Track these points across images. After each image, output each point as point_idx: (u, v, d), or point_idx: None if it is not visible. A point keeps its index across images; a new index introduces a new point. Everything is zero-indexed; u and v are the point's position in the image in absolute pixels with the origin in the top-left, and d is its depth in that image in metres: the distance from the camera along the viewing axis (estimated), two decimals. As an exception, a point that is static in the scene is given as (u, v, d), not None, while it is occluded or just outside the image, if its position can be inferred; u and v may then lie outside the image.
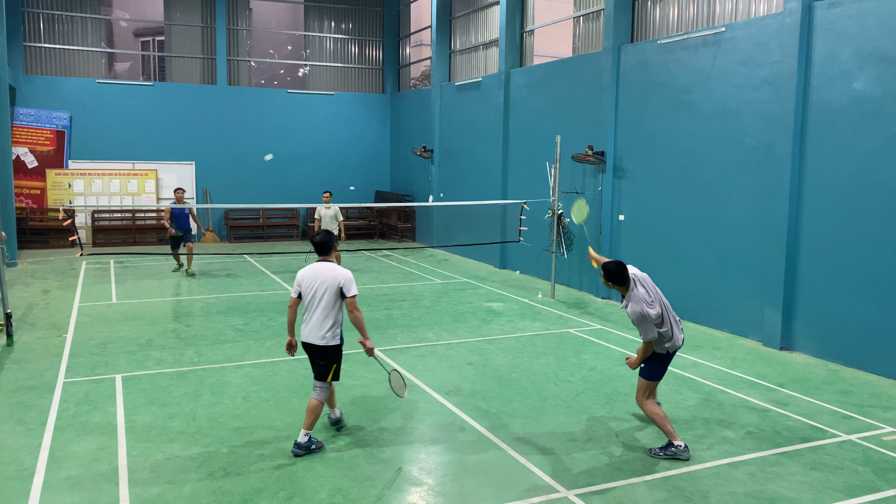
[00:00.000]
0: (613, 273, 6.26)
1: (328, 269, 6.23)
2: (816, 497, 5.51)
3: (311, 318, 6.21)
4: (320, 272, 6.22)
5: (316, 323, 6.18)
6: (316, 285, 6.17)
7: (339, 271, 6.23)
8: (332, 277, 6.17)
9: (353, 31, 23.58)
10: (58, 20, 20.09)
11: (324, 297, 6.15)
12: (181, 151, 21.05)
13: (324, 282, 6.16)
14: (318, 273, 6.22)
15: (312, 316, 6.19)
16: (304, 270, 6.34)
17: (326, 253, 6.41)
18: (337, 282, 6.15)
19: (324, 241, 6.41)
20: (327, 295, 6.15)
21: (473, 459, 6.11)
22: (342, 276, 6.18)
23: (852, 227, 9.01)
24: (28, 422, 6.78)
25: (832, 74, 9.22)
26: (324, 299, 6.15)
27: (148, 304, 12.30)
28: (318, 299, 6.16)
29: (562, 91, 14.61)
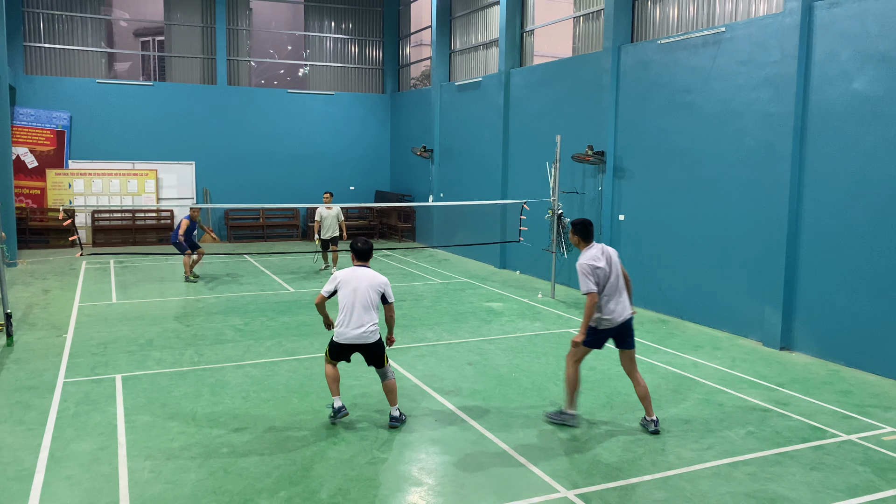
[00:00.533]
0: (579, 226, 6.87)
1: (370, 275, 6.75)
2: (816, 497, 5.51)
3: (349, 319, 6.64)
4: (363, 277, 6.72)
5: (356, 324, 6.63)
6: (358, 288, 6.65)
7: (380, 277, 6.78)
8: (376, 283, 6.72)
9: (353, 31, 23.59)
10: (58, 20, 20.09)
11: (365, 299, 6.63)
12: (181, 151, 21.05)
13: (369, 286, 6.67)
14: (361, 277, 6.72)
15: (352, 318, 6.63)
16: (345, 273, 6.77)
17: (367, 259, 6.91)
18: (380, 288, 6.73)
19: (367, 248, 6.93)
20: (370, 297, 6.65)
21: (473, 459, 6.11)
22: (384, 282, 6.77)
23: (852, 227, 9.01)
24: (28, 422, 6.78)
25: (832, 74, 9.22)
26: (365, 302, 6.63)
27: (148, 304, 12.31)
28: (359, 302, 6.63)
29: (562, 91, 14.61)
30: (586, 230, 6.86)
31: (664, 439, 6.56)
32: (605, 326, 6.70)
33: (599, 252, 6.76)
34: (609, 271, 6.69)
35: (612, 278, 6.69)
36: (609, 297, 6.66)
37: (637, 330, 10.77)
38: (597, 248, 6.82)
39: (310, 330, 10.58)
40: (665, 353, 9.55)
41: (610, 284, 6.67)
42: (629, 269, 12.79)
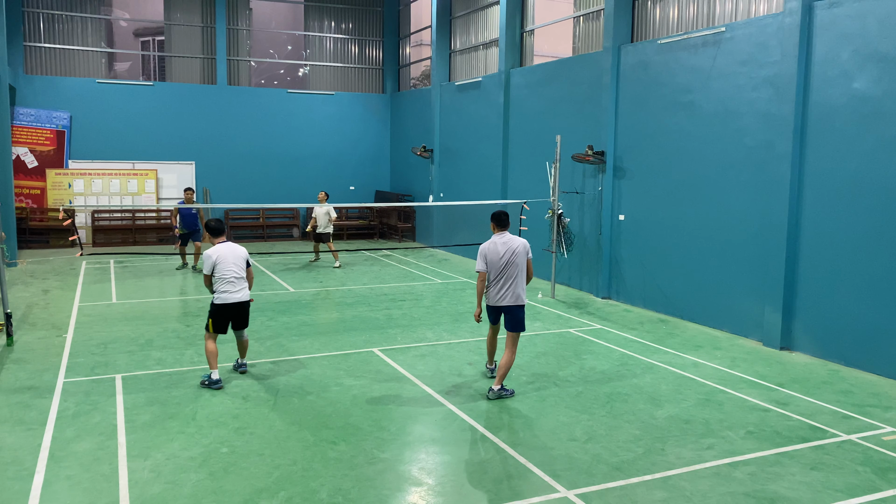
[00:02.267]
0: (496, 214, 7.79)
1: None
2: (816, 497, 5.51)
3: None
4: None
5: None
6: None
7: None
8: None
9: (353, 31, 23.59)
10: (58, 20, 20.09)
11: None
12: (181, 151, 21.05)
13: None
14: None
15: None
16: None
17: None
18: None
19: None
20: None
21: (473, 459, 6.11)
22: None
23: (852, 227, 9.01)
24: (28, 422, 6.78)
25: (832, 74, 9.22)
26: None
27: (148, 304, 12.31)
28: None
29: (562, 91, 14.61)
30: (500, 218, 7.79)
31: (664, 439, 6.56)
32: (490, 304, 7.72)
33: (500, 243, 7.59)
34: (497, 263, 7.54)
35: (497, 267, 7.55)
36: (492, 283, 7.61)
37: (637, 329, 10.86)
38: (501, 239, 7.64)
39: (310, 330, 10.58)
40: (665, 353, 9.55)
41: (493, 275, 7.59)
42: (629, 268, 12.82)
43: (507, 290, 7.54)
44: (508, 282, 7.53)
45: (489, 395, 7.60)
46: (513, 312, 7.60)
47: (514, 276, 7.53)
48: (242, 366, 8.40)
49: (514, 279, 7.54)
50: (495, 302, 7.64)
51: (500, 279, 7.56)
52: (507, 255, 7.53)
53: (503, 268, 7.53)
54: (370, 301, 12.66)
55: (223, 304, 7.88)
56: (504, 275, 7.54)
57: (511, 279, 7.53)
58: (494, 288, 7.59)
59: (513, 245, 7.58)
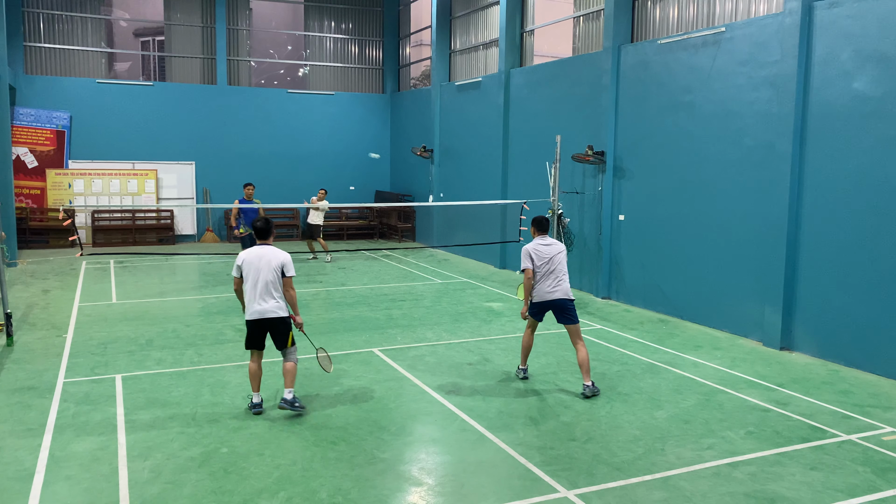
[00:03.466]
0: (537, 220, 8.13)
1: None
2: (816, 497, 5.51)
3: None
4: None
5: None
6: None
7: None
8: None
9: (353, 31, 23.58)
10: (58, 20, 20.09)
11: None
12: (181, 151, 21.05)
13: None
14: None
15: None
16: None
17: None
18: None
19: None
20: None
21: (473, 459, 6.11)
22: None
23: (852, 227, 9.01)
24: (28, 422, 6.78)
25: (832, 74, 9.22)
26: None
27: (148, 304, 12.31)
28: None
29: (562, 91, 14.61)
30: (541, 223, 8.11)
31: (664, 439, 6.57)
32: (536, 300, 7.90)
33: (541, 245, 7.91)
34: (544, 262, 7.83)
35: (545, 266, 7.83)
36: (540, 278, 7.83)
37: (637, 329, 10.86)
38: (541, 241, 7.97)
39: (310, 330, 10.56)
40: (665, 353, 9.55)
41: (540, 271, 7.83)
42: (629, 268, 12.82)
43: (558, 285, 7.80)
44: (558, 277, 7.81)
45: (585, 391, 7.65)
46: (565, 306, 7.82)
47: (561, 275, 7.85)
48: (282, 400, 7.00)
49: (563, 275, 7.88)
50: (546, 297, 7.79)
51: (548, 276, 7.80)
52: (552, 255, 7.84)
53: (550, 265, 7.80)
54: (370, 301, 12.66)
55: (248, 319, 7.01)
56: (553, 271, 7.80)
57: (560, 274, 7.84)
58: (544, 283, 7.78)
59: (556, 247, 7.92)
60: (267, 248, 7.04)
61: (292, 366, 7.06)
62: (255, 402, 7.08)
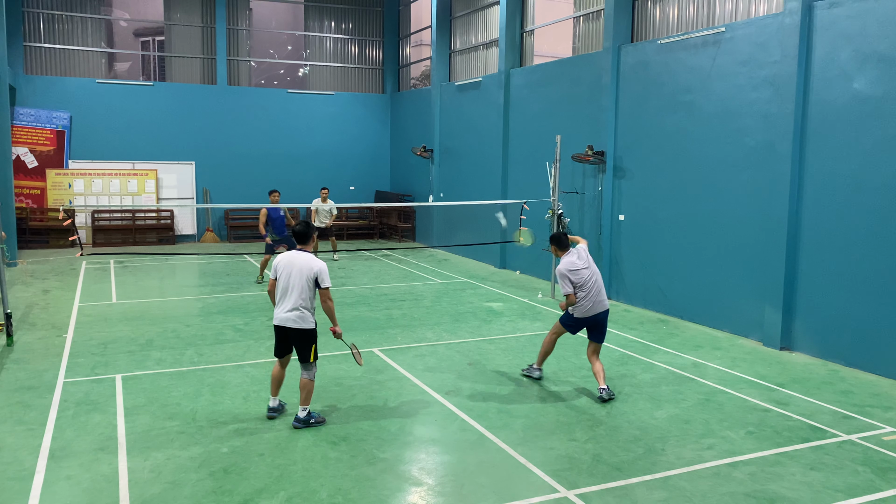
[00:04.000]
0: (555, 238, 8.05)
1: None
2: (816, 497, 5.51)
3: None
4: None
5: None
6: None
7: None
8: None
9: (353, 31, 23.58)
10: (58, 20, 20.09)
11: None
12: (181, 151, 21.05)
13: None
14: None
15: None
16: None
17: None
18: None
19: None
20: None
21: (473, 459, 6.11)
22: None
23: (852, 227, 9.01)
24: (28, 422, 6.78)
25: (832, 74, 9.22)
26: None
27: (148, 304, 12.31)
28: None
29: (562, 91, 14.61)
30: (561, 241, 8.01)
31: (664, 439, 6.57)
32: (579, 317, 7.83)
33: (575, 260, 7.79)
34: (586, 279, 7.73)
35: (588, 283, 7.73)
36: (584, 298, 7.72)
37: (637, 330, 10.86)
38: (573, 255, 7.85)
39: (310, 330, 10.57)
40: (665, 353, 9.55)
41: (586, 290, 7.71)
42: (629, 268, 12.81)
43: (598, 300, 7.75)
44: (597, 292, 7.76)
45: (603, 395, 7.55)
46: (603, 319, 7.84)
47: (599, 284, 7.80)
48: (295, 419, 6.66)
49: (601, 289, 7.81)
50: (590, 313, 7.75)
51: (589, 293, 7.71)
52: (589, 276, 7.74)
53: (589, 287, 7.71)
54: (370, 301, 12.66)
55: (274, 325, 6.79)
56: (592, 287, 7.73)
57: (600, 291, 7.78)
58: (588, 303, 7.71)
59: (585, 256, 7.85)
60: (303, 254, 6.69)
61: (308, 382, 6.66)
62: (270, 405, 6.93)
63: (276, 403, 6.96)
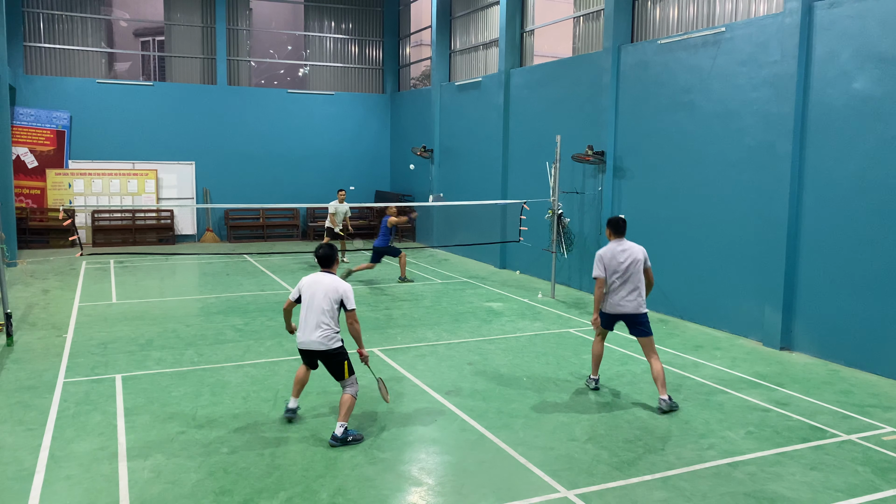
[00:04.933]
0: (612, 221, 7.60)
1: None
2: (816, 497, 5.51)
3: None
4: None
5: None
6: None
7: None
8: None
9: (353, 31, 23.58)
10: (58, 20, 20.09)
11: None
12: (181, 151, 21.05)
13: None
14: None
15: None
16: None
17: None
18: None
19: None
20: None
21: (473, 459, 6.11)
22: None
23: (852, 227, 9.01)
24: (28, 422, 6.78)
25: (832, 74, 9.22)
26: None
27: (148, 304, 12.31)
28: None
29: (562, 91, 14.61)
30: (618, 225, 7.58)
31: (664, 439, 6.56)
32: (608, 311, 7.59)
33: (618, 250, 7.45)
34: (616, 271, 7.41)
35: (617, 273, 7.42)
36: (611, 287, 7.47)
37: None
38: (618, 245, 7.48)
39: (310, 330, 10.57)
40: (665, 353, 9.55)
41: (613, 281, 7.44)
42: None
43: (630, 299, 7.41)
44: (632, 290, 7.41)
45: (662, 406, 7.18)
46: (636, 320, 7.49)
47: (637, 284, 7.41)
48: (332, 437, 6.32)
49: (638, 287, 7.43)
50: (615, 310, 7.49)
51: (621, 287, 7.41)
52: (627, 263, 7.38)
53: (625, 275, 7.37)
54: (370, 301, 12.65)
55: (299, 349, 6.65)
56: (627, 283, 7.40)
57: (634, 287, 7.41)
58: (615, 295, 7.44)
59: (633, 252, 7.44)
60: (327, 276, 6.57)
61: (348, 398, 6.42)
62: (289, 406, 6.85)
63: (296, 405, 6.89)
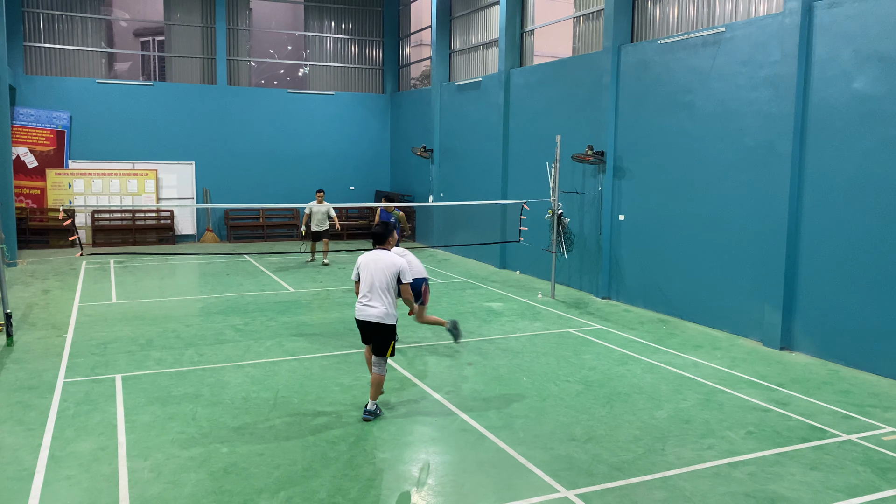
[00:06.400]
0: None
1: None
2: (816, 497, 5.51)
3: None
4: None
5: None
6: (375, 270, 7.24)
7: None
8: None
9: (353, 31, 23.58)
10: (58, 20, 20.09)
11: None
12: (181, 151, 21.05)
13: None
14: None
15: None
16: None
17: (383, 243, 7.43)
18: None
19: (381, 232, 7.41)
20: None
21: (473, 459, 6.11)
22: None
23: (852, 227, 9.01)
24: (28, 422, 6.78)
25: (832, 74, 9.22)
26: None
27: (148, 304, 12.31)
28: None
29: (562, 91, 14.61)
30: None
31: (664, 439, 6.56)
32: None
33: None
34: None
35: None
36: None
37: (637, 329, 10.86)
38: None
39: (309, 330, 10.58)
40: (665, 353, 9.55)
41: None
42: (629, 268, 12.80)
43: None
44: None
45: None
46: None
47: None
48: (365, 409, 6.95)
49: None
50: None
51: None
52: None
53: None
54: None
55: (356, 318, 7.04)
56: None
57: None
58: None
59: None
60: (383, 252, 7.12)
61: (377, 377, 6.91)
62: (367, 408, 6.97)
63: (374, 406, 7.04)
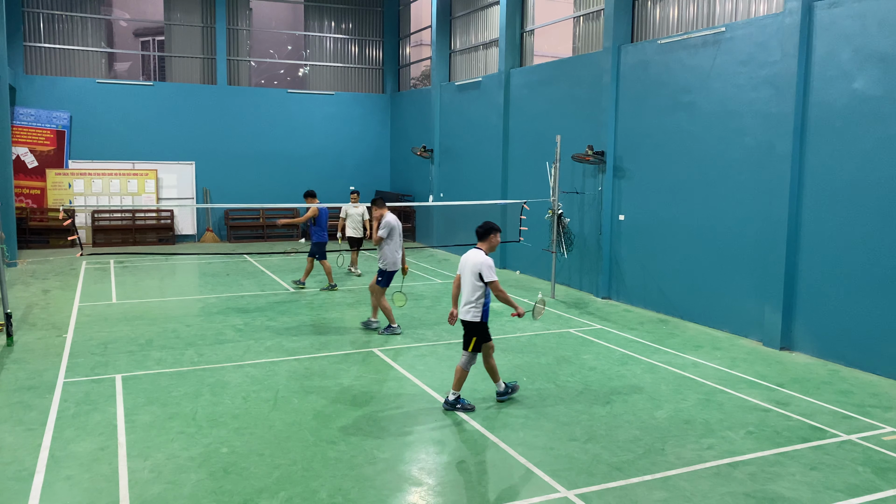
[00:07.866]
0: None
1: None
2: (816, 497, 5.51)
3: None
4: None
5: None
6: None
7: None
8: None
9: (353, 31, 23.59)
10: (58, 20, 20.09)
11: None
12: (181, 151, 21.06)
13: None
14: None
15: None
16: None
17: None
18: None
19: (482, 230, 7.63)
20: None
21: (473, 459, 6.11)
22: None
23: (852, 227, 9.01)
24: (28, 422, 6.78)
25: (832, 74, 9.22)
26: None
27: (148, 304, 12.30)
28: None
29: (562, 91, 14.61)
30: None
31: (664, 439, 6.56)
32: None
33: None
34: None
35: None
36: None
37: (637, 330, 10.86)
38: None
39: (310, 330, 10.58)
40: (665, 353, 9.55)
41: None
42: (629, 268, 12.81)
43: None
44: None
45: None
46: None
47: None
48: (445, 400, 7.27)
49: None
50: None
51: None
52: None
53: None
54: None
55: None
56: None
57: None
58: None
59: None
60: (476, 251, 7.29)
61: (459, 369, 7.24)
62: (498, 390, 7.46)
63: (503, 386, 7.50)
